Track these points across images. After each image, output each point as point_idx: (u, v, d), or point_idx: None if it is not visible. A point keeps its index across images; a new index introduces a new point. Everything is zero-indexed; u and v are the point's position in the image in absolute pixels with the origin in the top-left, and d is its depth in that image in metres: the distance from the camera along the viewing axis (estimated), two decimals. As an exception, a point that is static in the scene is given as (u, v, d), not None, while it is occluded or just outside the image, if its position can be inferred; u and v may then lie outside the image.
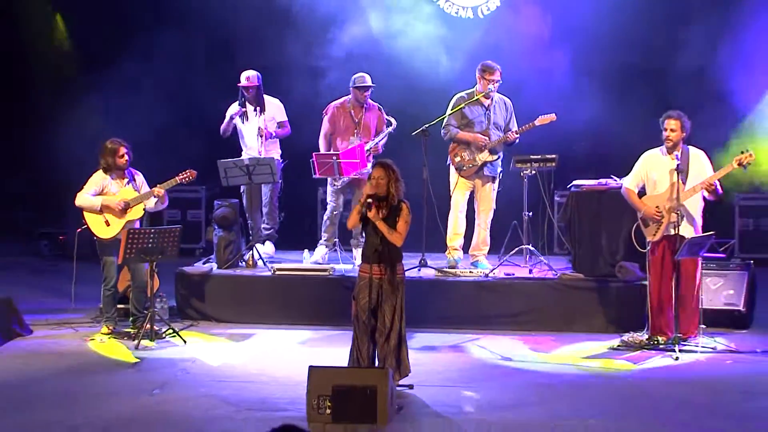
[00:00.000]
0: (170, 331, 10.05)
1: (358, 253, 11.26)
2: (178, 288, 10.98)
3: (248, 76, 11.39)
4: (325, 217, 11.69)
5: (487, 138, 10.85)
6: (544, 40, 12.64)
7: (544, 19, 12.83)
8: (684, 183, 9.55)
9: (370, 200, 8.03)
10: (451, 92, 11.31)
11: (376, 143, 11.23)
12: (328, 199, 11.57)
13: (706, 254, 9.67)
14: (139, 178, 10.25)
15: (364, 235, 8.42)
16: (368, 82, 11.28)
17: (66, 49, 14.22)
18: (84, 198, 10.01)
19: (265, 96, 11.51)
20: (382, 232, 8.03)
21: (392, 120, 11.32)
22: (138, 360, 9.46)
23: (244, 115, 11.46)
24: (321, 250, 11.49)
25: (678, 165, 9.47)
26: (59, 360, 9.44)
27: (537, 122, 10.89)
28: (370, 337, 8.27)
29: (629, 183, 9.89)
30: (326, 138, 11.44)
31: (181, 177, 10.21)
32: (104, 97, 13.35)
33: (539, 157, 10.96)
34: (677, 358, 9.32)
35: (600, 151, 12.24)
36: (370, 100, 11.37)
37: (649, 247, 9.69)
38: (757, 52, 12.24)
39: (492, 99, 10.96)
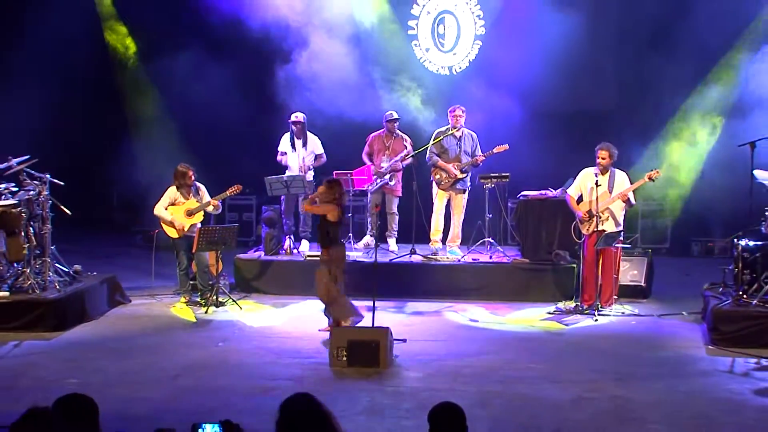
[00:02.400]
0: (230, 300, 10.07)
1: (392, 242, 11.35)
2: (235, 269, 10.99)
3: (297, 116, 11.28)
4: (368, 215, 11.67)
5: (458, 172, 10.85)
6: (501, 90, 12.62)
7: (501, 75, 12.81)
8: (610, 194, 9.57)
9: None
10: (433, 128, 11.32)
11: (395, 161, 11.10)
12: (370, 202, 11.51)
13: (617, 245, 9.71)
14: (202, 190, 10.20)
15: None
16: (394, 116, 11.25)
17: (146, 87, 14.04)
18: (160, 210, 10.02)
19: (307, 132, 11.38)
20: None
21: (408, 146, 11.18)
22: (206, 321, 9.50)
23: (292, 145, 11.34)
24: (367, 238, 11.44)
25: (596, 182, 9.49)
26: (149, 321, 9.48)
27: (495, 150, 10.90)
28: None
29: (571, 191, 9.87)
30: (367, 156, 11.35)
31: (231, 190, 10.22)
32: (177, 128, 13.30)
33: (497, 174, 10.95)
34: (596, 320, 9.35)
35: (541, 171, 12.24)
36: (398, 131, 11.29)
37: (583, 239, 9.71)
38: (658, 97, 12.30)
39: (462, 133, 10.99)
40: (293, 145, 11.29)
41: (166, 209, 10.02)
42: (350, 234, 11.55)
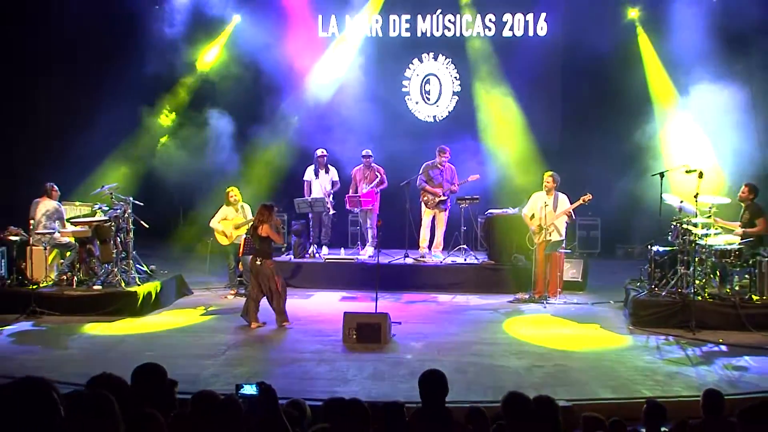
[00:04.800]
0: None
1: (370, 249, 11.25)
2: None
3: (322, 152, 11.24)
4: (364, 230, 11.47)
5: (441, 193, 10.86)
6: (473, 132, 12.64)
7: (471, 121, 12.84)
8: (555, 211, 9.57)
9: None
10: (422, 162, 11.34)
11: (371, 187, 11.05)
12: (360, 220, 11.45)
13: (561, 250, 9.71)
14: (246, 208, 10.19)
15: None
16: (369, 153, 11.21)
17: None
18: (214, 223, 10.07)
19: (327, 164, 11.33)
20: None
21: (381, 174, 11.09)
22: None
23: (316, 174, 11.27)
24: (370, 249, 11.27)
25: (544, 203, 9.50)
26: (207, 308, 9.45)
27: (469, 179, 10.93)
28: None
29: (525, 210, 9.84)
30: (353, 185, 11.36)
31: None
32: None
33: (470, 197, 10.98)
34: (546, 306, 9.35)
35: (503, 194, 12.22)
36: (373, 164, 11.25)
37: (535, 246, 9.68)
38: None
39: (444, 166, 11.01)
40: (317, 174, 11.30)
41: (218, 223, 10.05)
42: (359, 242, 11.56)
